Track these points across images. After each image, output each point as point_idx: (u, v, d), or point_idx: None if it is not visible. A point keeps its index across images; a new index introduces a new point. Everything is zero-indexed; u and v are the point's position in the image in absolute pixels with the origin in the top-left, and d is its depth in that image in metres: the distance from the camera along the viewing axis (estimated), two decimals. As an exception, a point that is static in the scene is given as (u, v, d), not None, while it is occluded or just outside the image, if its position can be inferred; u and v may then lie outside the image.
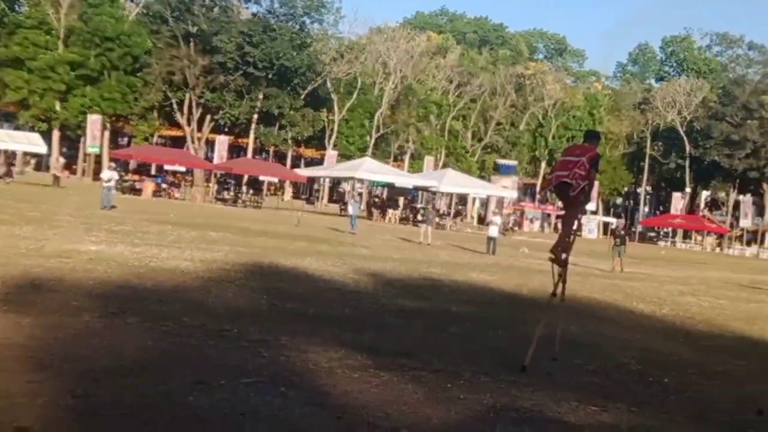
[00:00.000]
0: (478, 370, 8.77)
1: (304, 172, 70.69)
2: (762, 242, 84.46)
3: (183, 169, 60.95)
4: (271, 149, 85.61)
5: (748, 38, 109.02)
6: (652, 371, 9.89)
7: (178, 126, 78.96)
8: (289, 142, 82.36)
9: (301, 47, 77.89)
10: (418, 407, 7.04)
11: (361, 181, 63.07)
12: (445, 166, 79.28)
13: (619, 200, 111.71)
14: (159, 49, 73.46)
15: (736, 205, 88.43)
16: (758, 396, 9.12)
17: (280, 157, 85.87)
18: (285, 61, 75.44)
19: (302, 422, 6.31)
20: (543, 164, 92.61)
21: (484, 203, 75.88)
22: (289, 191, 79.07)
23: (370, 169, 59.14)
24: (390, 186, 65.85)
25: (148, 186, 57.77)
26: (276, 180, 68.17)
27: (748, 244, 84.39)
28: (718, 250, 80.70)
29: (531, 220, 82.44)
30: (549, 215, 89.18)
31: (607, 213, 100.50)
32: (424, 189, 66.83)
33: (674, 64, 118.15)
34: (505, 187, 71.02)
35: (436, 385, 7.88)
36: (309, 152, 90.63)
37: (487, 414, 7.01)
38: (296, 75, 78.45)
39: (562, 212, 10.86)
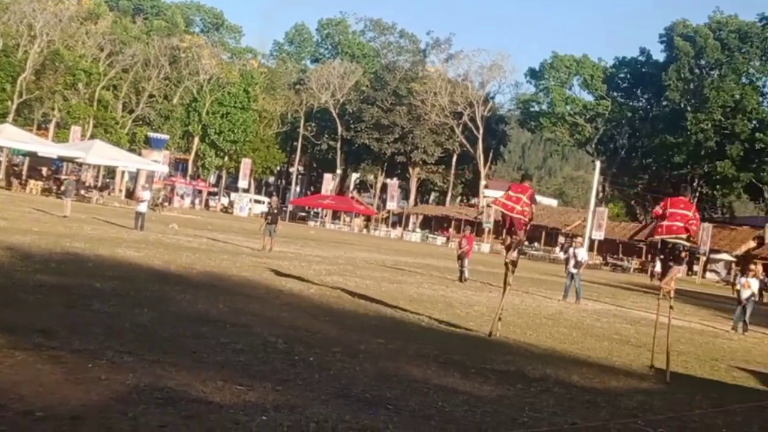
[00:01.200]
0: (121, 350, 8.54)
1: (-69, 136, 65.02)
2: (406, 225, 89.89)
3: None
4: None
5: (399, 26, 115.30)
6: (298, 349, 10.12)
7: None
8: None
9: (-68, 1, 71.44)
10: (55, 388, 6.75)
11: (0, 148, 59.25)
12: (93, 137, 76.14)
13: (271, 179, 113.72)
14: None
15: (384, 188, 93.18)
16: (395, 372, 9.60)
17: None
18: None
19: None
20: (196, 139, 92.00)
21: (134, 177, 74.04)
22: None
23: (10, 137, 55.83)
24: (32, 155, 62.39)
25: None
26: None
27: (394, 226, 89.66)
28: (365, 231, 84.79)
29: (182, 196, 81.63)
30: (200, 192, 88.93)
31: (259, 192, 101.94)
32: (70, 160, 64.09)
33: (329, 47, 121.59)
34: (156, 161, 69.73)
35: (75, 365, 7.57)
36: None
37: (129, 395, 6.82)
38: (-74, 31, 71.93)
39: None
